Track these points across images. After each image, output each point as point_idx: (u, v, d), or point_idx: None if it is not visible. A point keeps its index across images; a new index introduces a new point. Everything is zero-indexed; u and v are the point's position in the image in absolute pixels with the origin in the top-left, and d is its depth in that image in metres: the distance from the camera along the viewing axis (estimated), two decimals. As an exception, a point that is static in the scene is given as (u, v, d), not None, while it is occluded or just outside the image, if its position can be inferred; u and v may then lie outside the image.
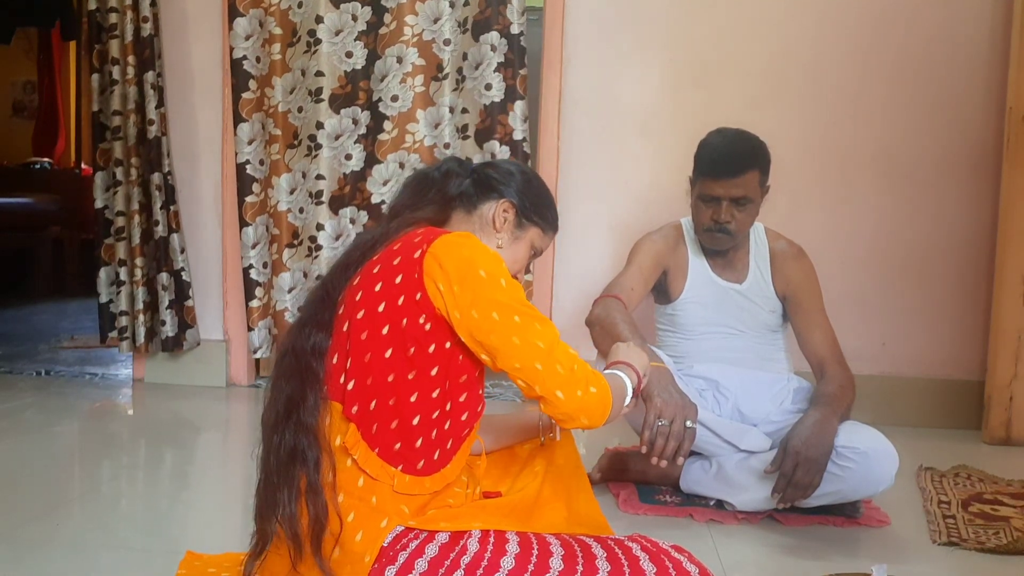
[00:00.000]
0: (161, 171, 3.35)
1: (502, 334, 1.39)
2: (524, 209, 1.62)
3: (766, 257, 2.39)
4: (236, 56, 3.31)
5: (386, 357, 1.41)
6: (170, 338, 3.42)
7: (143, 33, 3.31)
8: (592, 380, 1.42)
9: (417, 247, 1.44)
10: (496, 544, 1.38)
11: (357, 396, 1.42)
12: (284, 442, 1.41)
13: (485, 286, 1.40)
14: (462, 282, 1.39)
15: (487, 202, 1.60)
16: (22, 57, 7.24)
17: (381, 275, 1.44)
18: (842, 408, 2.16)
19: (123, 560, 1.89)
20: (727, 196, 2.22)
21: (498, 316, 1.39)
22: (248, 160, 3.35)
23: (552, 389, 1.39)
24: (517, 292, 1.43)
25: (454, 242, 1.44)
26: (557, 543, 1.40)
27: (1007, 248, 3.05)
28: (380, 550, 1.36)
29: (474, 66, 3.24)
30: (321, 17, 3.29)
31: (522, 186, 1.63)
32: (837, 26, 3.25)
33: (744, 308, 2.37)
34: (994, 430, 3.07)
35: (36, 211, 6.13)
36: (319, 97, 3.32)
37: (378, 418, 1.41)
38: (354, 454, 1.40)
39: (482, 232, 1.59)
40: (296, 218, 3.40)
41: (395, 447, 1.41)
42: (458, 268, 1.40)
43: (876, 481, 2.09)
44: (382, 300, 1.42)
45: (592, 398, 1.41)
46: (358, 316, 1.44)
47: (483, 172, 1.63)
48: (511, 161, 1.74)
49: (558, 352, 1.41)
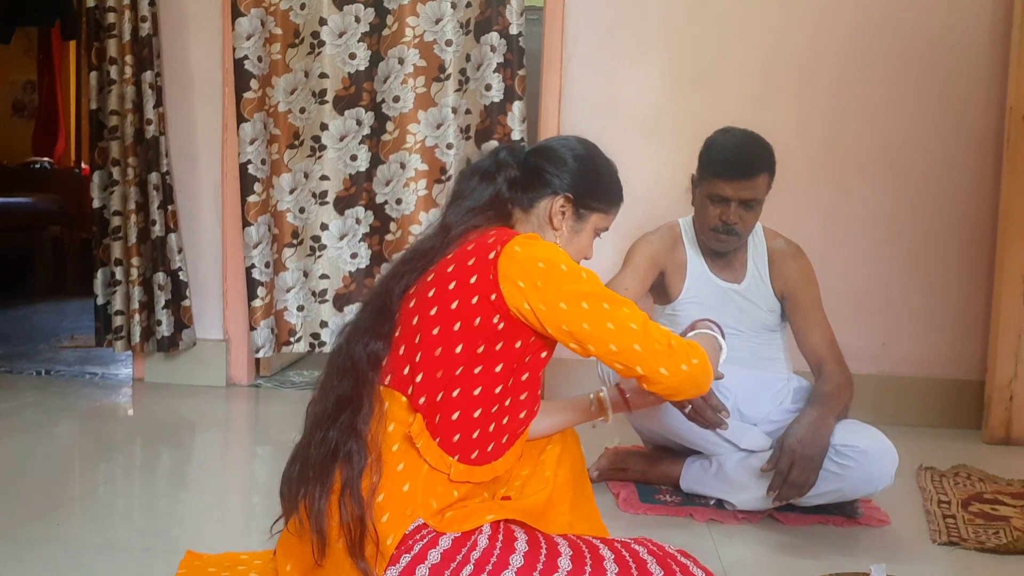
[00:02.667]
0: (159, 170, 3.35)
1: (595, 321, 1.43)
2: (581, 199, 1.60)
3: (764, 257, 2.39)
4: (238, 56, 3.31)
5: (456, 352, 1.44)
6: (166, 338, 3.41)
7: (141, 32, 3.31)
8: (691, 352, 1.47)
9: (491, 248, 1.46)
10: (505, 542, 1.39)
11: (425, 388, 1.45)
12: (328, 439, 1.43)
13: (568, 279, 1.43)
14: (545, 278, 1.42)
15: (542, 200, 1.60)
16: (22, 57, 7.24)
17: (455, 274, 1.47)
18: (839, 407, 2.16)
19: (123, 560, 1.89)
20: (736, 197, 2.22)
21: (587, 305, 1.43)
22: (250, 160, 3.34)
23: (655, 367, 1.44)
24: (597, 281, 1.47)
25: (527, 243, 1.46)
26: (565, 544, 1.41)
27: (1007, 248, 3.05)
28: (403, 536, 1.39)
29: (476, 67, 3.25)
30: (325, 19, 3.30)
31: (576, 173, 1.60)
32: (837, 26, 3.25)
33: (743, 308, 2.37)
34: (994, 430, 3.07)
35: (36, 211, 6.12)
36: (323, 99, 3.33)
37: (442, 409, 1.45)
38: (418, 443, 1.43)
39: (542, 231, 1.60)
40: (296, 218, 3.40)
41: (454, 438, 1.45)
42: (536, 265, 1.43)
43: (876, 480, 2.09)
44: (456, 298, 1.45)
45: (695, 369, 1.46)
46: (431, 312, 1.46)
47: (534, 163, 1.61)
48: (564, 140, 1.68)
49: (653, 331, 1.46)
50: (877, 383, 3.21)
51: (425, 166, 3.34)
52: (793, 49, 3.27)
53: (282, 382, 3.64)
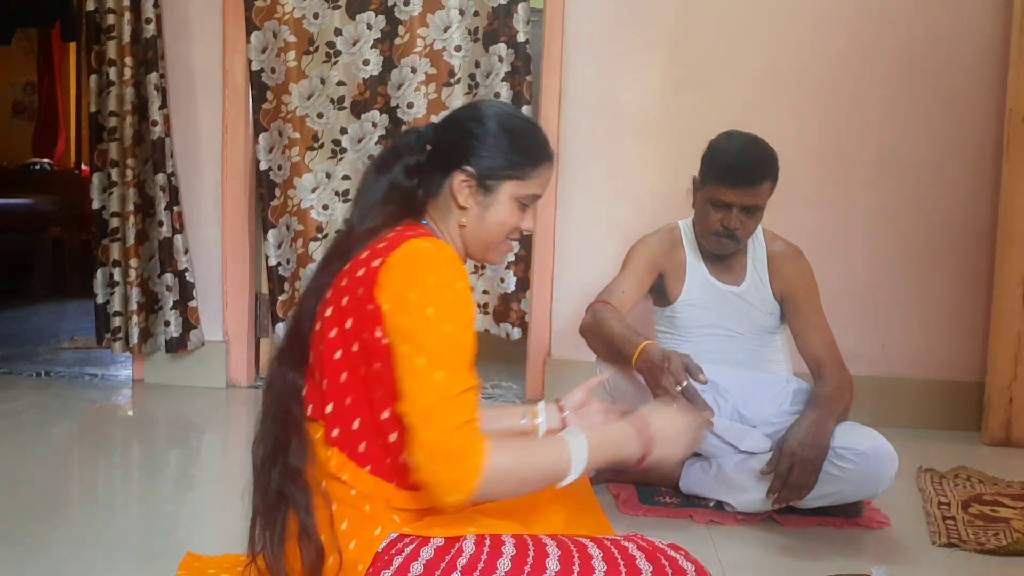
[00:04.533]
0: (165, 172, 3.36)
1: (401, 373, 1.29)
2: (485, 169, 1.44)
3: (764, 259, 2.39)
4: (254, 69, 3.37)
5: (360, 374, 1.35)
6: (174, 339, 3.43)
7: (145, 34, 3.31)
8: (457, 457, 1.26)
9: (379, 255, 1.35)
10: (492, 546, 1.35)
11: (337, 418, 1.37)
12: (272, 483, 1.38)
13: (411, 312, 1.29)
14: (394, 303, 1.30)
15: (446, 179, 1.45)
16: (22, 57, 7.24)
17: (348, 288, 1.36)
18: (839, 409, 2.15)
19: (123, 561, 1.90)
20: (739, 204, 2.21)
21: (406, 352, 1.28)
22: (270, 167, 3.42)
23: (413, 453, 1.27)
24: (442, 327, 1.29)
25: (408, 255, 1.33)
26: (553, 544, 1.37)
27: (1007, 249, 3.05)
28: (375, 555, 1.34)
29: (485, 75, 3.34)
30: (340, 29, 3.39)
31: (471, 140, 1.44)
32: (837, 26, 3.25)
33: (742, 311, 2.37)
34: (994, 431, 3.07)
35: (36, 211, 6.12)
36: (341, 105, 3.43)
37: (365, 436, 1.36)
38: (342, 476, 1.36)
39: (450, 213, 1.46)
40: (320, 215, 3.50)
41: (387, 462, 1.36)
42: (400, 284, 1.31)
43: (875, 482, 2.09)
44: (349, 316, 1.35)
45: (446, 479, 1.26)
46: (330, 335, 1.37)
47: (436, 140, 1.47)
48: (467, 107, 1.52)
49: (439, 414, 1.26)
50: (877, 385, 3.21)
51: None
52: (793, 51, 3.27)
53: (282, 383, 3.63)
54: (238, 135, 3.47)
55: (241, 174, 3.48)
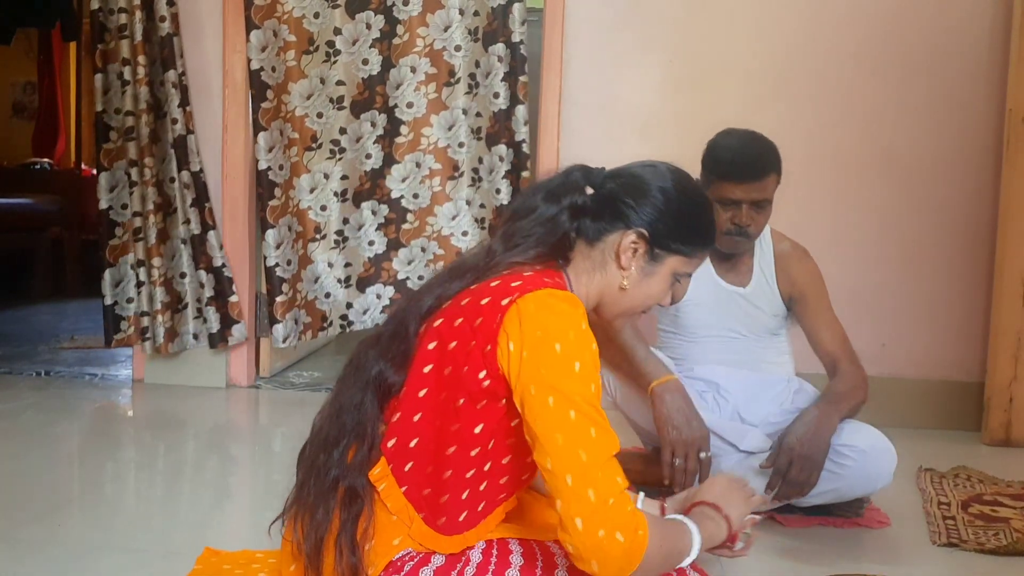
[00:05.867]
0: (190, 169, 3.37)
1: (548, 425, 1.21)
2: (659, 237, 1.38)
3: (771, 260, 2.37)
4: (254, 67, 3.36)
5: (440, 399, 1.31)
6: (214, 334, 3.43)
7: (161, 32, 3.31)
8: (624, 525, 1.18)
9: (510, 293, 1.29)
10: (500, 556, 1.34)
11: (400, 430, 1.33)
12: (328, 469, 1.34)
13: (555, 365, 1.23)
14: (533, 349, 1.23)
15: (611, 233, 1.38)
16: (22, 57, 7.24)
17: (466, 310, 1.32)
18: (847, 407, 2.14)
19: (123, 561, 1.89)
20: (747, 199, 2.19)
21: (553, 403, 1.21)
22: (269, 166, 3.40)
23: (572, 515, 1.18)
24: (588, 384, 1.24)
25: (545, 302, 1.27)
26: (561, 553, 1.35)
27: (1007, 249, 3.05)
28: (388, 563, 1.32)
29: (485, 74, 3.35)
30: (339, 29, 3.39)
31: (659, 207, 1.38)
32: (837, 26, 3.25)
33: (747, 312, 2.35)
34: (994, 431, 3.07)
35: (36, 211, 6.12)
36: (341, 105, 3.44)
37: (415, 457, 1.32)
38: (379, 486, 1.32)
39: (604, 269, 1.40)
40: (318, 215, 3.49)
41: (424, 492, 1.32)
42: (536, 333, 1.24)
43: (874, 479, 2.09)
44: (456, 338, 1.30)
45: (615, 547, 1.17)
46: (429, 347, 1.33)
47: (610, 190, 1.40)
48: (650, 166, 1.44)
49: (598, 474, 1.19)
50: (877, 385, 3.17)
51: (439, 165, 3.46)
52: (792, 51, 3.27)
53: (282, 383, 3.64)
54: (238, 135, 3.46)
55: (241, 174, 3.48)
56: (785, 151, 2.27)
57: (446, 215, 3.46)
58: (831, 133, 3.27)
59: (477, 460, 1.31)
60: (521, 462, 1.35)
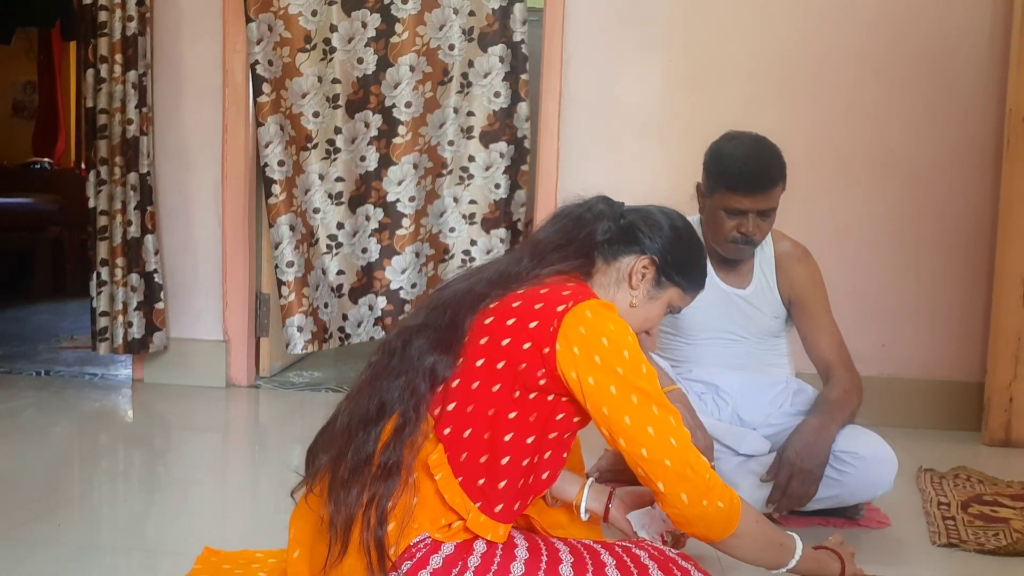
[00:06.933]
0: (138, 171, 3.34)
1: (637, 419, 1.38)
2: (666, 267, 1.57)
3: (771, 262, 2.35)
4: (251, 60, 3.35)
5: (493, 391, 1.39)
6: (136, 340, 3.40)
7: (127, 31, 3.31)
8: (722, 494, 1.41)
9: (564, 301, 1.41)
10: (505, 549, 1.37)
11: (453, 419, 1.39)
12: (367, 445, 1.38)
13: (628, 366, 1.39)
14: (605, 356, 1.38)
15: (628, 255, 1.56)
16: (22, 57, 7.24)
17: (518, 312, 1.42)
18: (844, 414, 2.13)
19: (123, 561, 1.90)
20: (755, 209, 2.16)
21: (637, 400, 1.38)
22: (267, 162, 3.38)
23: (678, 490, 1.38)
24: (654, 380, 1.41)
25: (600, 311, 1.42)
26: (566, 550, 1.39)
27: (1007, 249, 3.05)
28: (406, 547, 1.35)
29: (482, 75, 3.33)
30: (335, 26, 3.37)
31: (669, 241, 1.57)
32: (837, 26, 3.25)
33: (747, 314, 2.34)
34: (994, 431, 3.07)
35: (36, 211, 6.12)
36: (336, 103, 3.40)
37: (470, 447, 1.39)
38: (436, 475, 1.37)
39: (617, 286, 1.56)
40: (311, 218, 3.45)
41: (479, 482, 1.38)
42: (600, 339, 1.38)
43: (875, 486, 2.09)
44: (509, 336, 1.41)
45: (718, 512, 1.40)
46: (481, 342, 1.42)
47: (630, 219, 1.58)
48: (664, 210, 1.65)
49: (691, 455, 1.40)
50: (877, 385, 3.20)
51: (431, 163, 3.43)
52: (792, 51, 3.27)
53: (282, 383, 3.64)
54: (238, 134, 3.46)
55: (241, 174, 3.48)
56: (785, 151, 2.26)
57: (435, 213, 3.43)
58: (831, 133, 3.27)
59: (532, 449, 1.41)
60: (558, 458, 1.45)
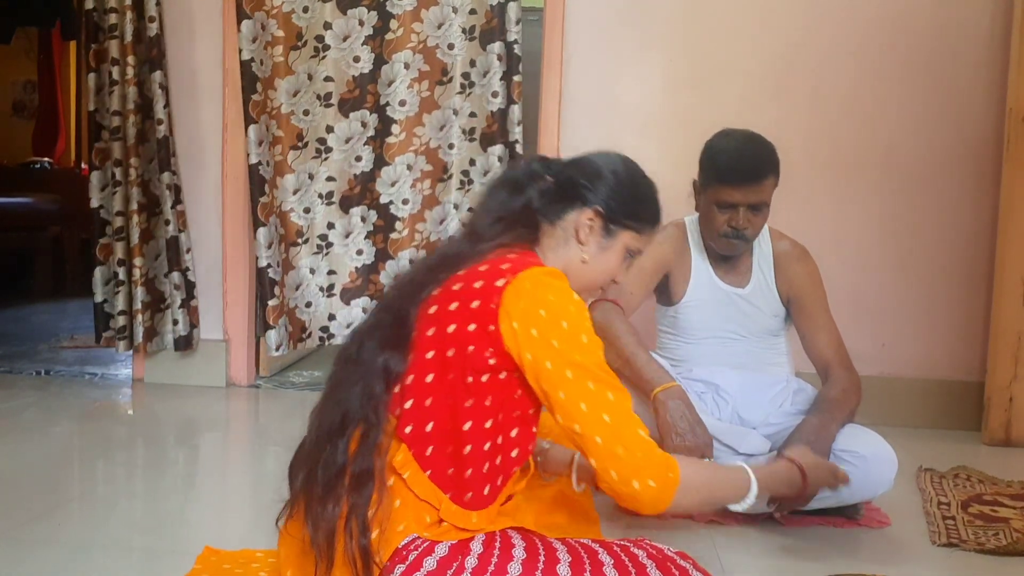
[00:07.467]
0: (170, 170, 3.37)
1: (571, 395, 1.35)
2: (612, 214, 1.52)
3: (770, 260, 2.36)
4: (244, 58, 3.33)
5: (448, 379, 1.38)
6: (182, 337, 3.44)
7: (149, 33, 3.32)
8: (654, 471, 1.35)
9: (503, 275, 1.38)
10: (502, 550, 1.36)
11: (413, 416, 1.39)
12: (335, 458, 1.36)
13: (565, 339, 1.35)
14: (541, 328, 1.35)
15: (570, 212, 1.51)
16: (22, 57, 7.24)
17: (459, 295, 1.40)
18: (843, 414, 2.14)
19: (123, 561, 1.89)
20: (745, 203, 2.18)
21: (571, 375, 1.35)
22: (259, 161, 3.37)
23: (607, 468, 1.35)
24: (596, 351, 1.38)
25: (541, 281, 1.38)
26: (564, 550, 1.38)
27: (1007, 249, 3.05)
28: (394, 551, 1.35)
29: (482, 73, 3.31)
30: (329, 23, 3.34)
31: (610, 187, 1.52)
32: (837, 27, 3.25)
33: (746, 313, 2.35)
34: (994, 431, 3.07)
35: (36, 211, 6.13)
36: (328, 102, 3.38)
37: (434, 441, 1.38)
38: (403, 473, 1.37)
39: (566, 245, 1.52)
40: (301, 218, 3.43)
41: (448, 471, 1.38)
42: (538, 311, 1.35)
43: (875, 485, 2.09)
44: (454, 321, 1.38)
45: (647, 491, 1.34)
46: (428, 333, 1.40)
47: (566, 174, 1.53)
48: (603, 154, 1.58)
49: (624, 431, 1.35)
50: (877, 384, 3.21)
51: (430, 167, 3.39)
52: (792, 51, 3.27)
53: (282, 383, 3.64)
54: (238, 134, 3.46)
55: (241, 173, 3.47)
56: (784, 151, 2.26)
57: (435, 220, 3.40)
58: (831, 133, 3.27)
59: (492, 432, 1.39)
60: (527, 433, 1.44)
